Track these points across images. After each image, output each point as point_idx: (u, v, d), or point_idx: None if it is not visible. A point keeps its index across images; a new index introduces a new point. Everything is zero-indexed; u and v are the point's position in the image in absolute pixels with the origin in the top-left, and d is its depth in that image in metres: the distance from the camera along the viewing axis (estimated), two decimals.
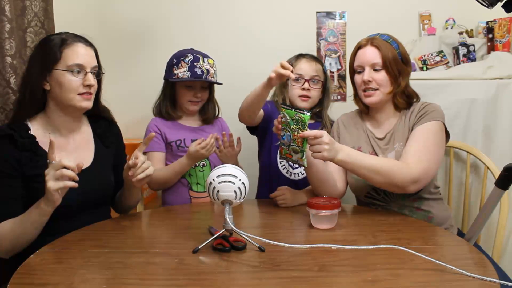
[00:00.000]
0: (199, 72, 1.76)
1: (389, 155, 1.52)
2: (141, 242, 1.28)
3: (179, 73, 1.77)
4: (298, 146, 1.33)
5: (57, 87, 1.35)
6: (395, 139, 1.54)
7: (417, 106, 1.55)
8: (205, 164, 1.82)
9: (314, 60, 1.83)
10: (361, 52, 1.56)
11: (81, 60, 1.35)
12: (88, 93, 1.37)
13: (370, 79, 1.52)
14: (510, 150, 1.90)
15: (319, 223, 1.29)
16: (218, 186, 1.11)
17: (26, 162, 1.30)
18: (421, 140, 1.44)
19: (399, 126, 1.55)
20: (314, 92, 1.81)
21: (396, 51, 1.53)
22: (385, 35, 1.56)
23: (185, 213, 1.59)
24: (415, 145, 1.43)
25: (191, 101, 1.82)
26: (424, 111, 1.50)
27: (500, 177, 1.30)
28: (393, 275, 0.97)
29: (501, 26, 2.10)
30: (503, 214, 1.61)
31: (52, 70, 1.34)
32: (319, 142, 1.31)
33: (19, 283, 0.96)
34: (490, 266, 1.00)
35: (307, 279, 0.96)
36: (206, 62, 1.80)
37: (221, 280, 0.98)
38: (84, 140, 1.46)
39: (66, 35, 1.38)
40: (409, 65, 1.57)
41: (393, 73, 1.52)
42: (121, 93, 2.25)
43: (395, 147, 1.52)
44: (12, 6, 1.57)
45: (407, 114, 1.55)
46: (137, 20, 2.28)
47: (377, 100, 1.54)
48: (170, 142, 1.81)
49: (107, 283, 0.95)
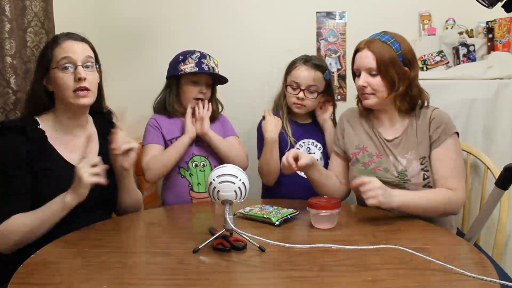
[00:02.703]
0: (206, 68, 1.78)
1: (401, 160, 1.49)
2: (141, 242, 1.28)
3: (186, 68, 1.78)
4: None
5: (56, 87, 1.36)
6: (406, 146, 1.51)
7: (427, 114, 1.50)
8: (205, 164, 1.82)
9: (314, 68, 1.80)
10: (358, 55, 1.53)
11: (67, 53, 1.34)
12: (83, 88, 1.34)
13: (365, 84, 1.50)
14: (510, 150, 1.90)
15: (319, 223, 1.29)
16: (218, 186, 1.11)
17: (36, 155, 1.31)
18: (452, 160, 1.45)
19: (410, 133, 1.51)
20: (309, 101, 1.80)
21: (396, 53, 1.47)
22: (387, 34, 1.51)
23: (185, 213, 1.59)
24: (450, 167, 1.44)
25: (195, 99, 1.82)
26: (437, 126, 1.47)
27: (500, 177, 1.30)
28: (393, 275, 0.97)
29: (501, 26, 2.10)
30: (503, 214, 1.61)
31: (48, 71, 1.36)
32: (371, 188, 1.31)
33: (19, 283, 0.96)
34: (490, 266, 1.00)
35: (307, 279, 0.96)
36: (211, 60, 1.83)
37: (221, 280, 0.98)
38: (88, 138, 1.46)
39: (60, 35, 1.39)
40: (413, 66, 1.50)
41: (390, 78, 1.47)
42: (121, 92, 2.25)
43: (407, 156, 1.49)
44: (12, 6, 1.57)
45: (418, 121, 1.51)
46: (137, 20, 2.29)
47: (373, 103, 1.52)
48: (170, 139, 1.81)
49: (107, 283, 0.95)
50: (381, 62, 1.46)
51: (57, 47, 1.36)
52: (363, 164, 1.55)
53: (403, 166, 1.49)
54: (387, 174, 1.50)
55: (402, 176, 1.48)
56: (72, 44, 1.36)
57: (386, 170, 1.51)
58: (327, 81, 1.83)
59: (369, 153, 1.55)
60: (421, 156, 1.48)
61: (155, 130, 1.81)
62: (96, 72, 1.40)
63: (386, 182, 1.42)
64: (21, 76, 1.62)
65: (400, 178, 1.48)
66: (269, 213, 1.36)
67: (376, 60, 1.47)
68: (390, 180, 1.48)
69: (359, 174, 1.52)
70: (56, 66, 1.34)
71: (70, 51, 1.35)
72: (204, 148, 1.83)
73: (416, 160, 1.48)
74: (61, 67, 1.33)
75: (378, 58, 1.46)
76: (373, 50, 1.47)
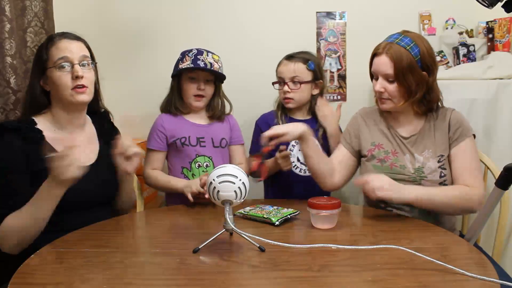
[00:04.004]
0: (201, 64, 1.78)
1: (417, 157, 1.49)
2: (141, 242, 1.28)
3: (183, 66, 1.79)
4: None
5: (53, 86, 1.37)
6: (423, 144, 1.50)
7: (446, 115, 1.51)
8: (209, 164, 1.82)
9: (294, 60, 1.81)
10: (376, 60, 1.49)
11: (64, 52, 1.36)
12: (80, 85, 1.36)
13: (382, 90, 1.49)
14: (510, 150, 1.90)
15: (319, 223, 1.29)
16: (218, 186, 1.11)
17: (34, 156, 1.31)
18: (469, 158, 1.46)
19: (426, 131, 1.51)
20: (295, 93, 1.81)
21: (415, 58, 1.43)
22: (407, 38, 1.45)
23: (185, 213, 1.59)
24: (467, 165, 1.45)
25: (195, 96, 1.82)
26: (458, 125, 1.48)
27: (500, 177, 1.30)
28: (393, 275, 0.97)
29: (501, 26, 2.10)
30: (503, 214, 1.61)
31: (45, 71, 1.37)
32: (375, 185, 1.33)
33: (19, 283, 0.96)
34: (490, 266, 1.00)
35: (307, 279, 0.96)
36: (210, 56, 1.82)
37: (221, 280, 0.98)
38: (87, 138, 1.48)
39: (55, 35, 1.41)
40: (432, 71, 1.47)
41: (407, 85, 1.44)
42: (121, 92, 2.25)
43: (424, 154, 1.49)
44: (12, 6, 1.57)
45: (436, 120, 1.51)
46: (137, 20, 2.28)
47: (390, 107, 1.52)
48: (175, 140, 1.81)
49: (108, 283, 0.95)
50: (398, 70, 1.43)
51: (52, 47, 1.37)
52: (379, 161, 1.54)
53: (420, 163, 1.48)
54: (404, 170, 1.49)
55: (419, 173, 1.48)
56: (68, 44, 1.38)
57: (403, 167, 1.50)
58: (312, 71, 1.83)
59: (385, 150, 1.55)
60: (438, 154, 1.48)
61: (158, 133, 1.82)
62: (92, 70, 1.42)
63: (402, 179, 1.45)
64: (21, 76, 1.62)
65: (417, 174, 1.48)
66: (269, 213, 1.36)
67: (393, 68, 1.44)
68: (406, 177, 1.48)
69: (374, 170, 1.52)
70: (53, 66, 1.35)
71: (67, 50, 1.36)
72: (208, 149, 1.83)
73: (433, 158, 1.48)
74: (58, 66, 1.35)
75: (396, 65, 1.43)
76: (391, 57, 1.44)
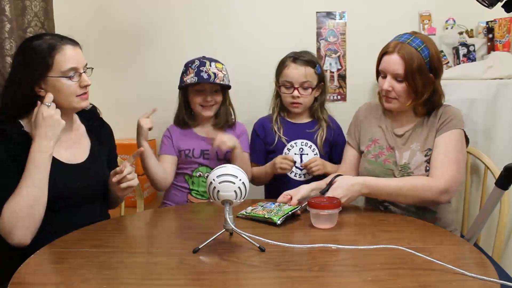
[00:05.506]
0: (205, 76, 1.75)
1: (404, 153, 1.51)
2: (141, 242, 1.28)
3: (187, 79, 1.78)
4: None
5: (54, 93, 1.34)
6: (413, 138, 1.52)
7: (440, 109, 1.51)
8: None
9: (304, 64, 1.79)
10: (386, 58, 1.49)
11: (73, 63, 1.35)
12: (85, 93, 1.40)
13: (390, 89, 1.49)
14: (510, 150, 1.89)
15: (319, 223, 1.29)
16: (218, 186, 1.11)
17: (23, 158, 1.28)
18: (444, 150, 1.44)
19: (418, 127, 1.53)
20: (304, 98, 1.80)
21: (425, 60, 1.44)
22: (418, 39, 1.45)
23: (185, 213, 1.59)
24: (439, 157, 1.44)
25: (202, 106, 1.81)
26: (445, 118, 1.48)
27: (500, 177, 1.30)
28: (393, 275, 0.97)
29: (501, 26, 2.10)
30: (503, 214, 1.61)
31: (46, 77, 1.33)
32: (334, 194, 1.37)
33: (19, 283, 0.96)
34: (490, 266, 1.00)
35: (307, 279, 0.96)
36: (213, 66, 1.78)
37: (221, 280, 0.98)
38: (78, 137, 1.48)
39: (51, 38, 1.36)
40: (438, 73, 1.49)
41: (415, 86, 1.45)
42: (120, 93, 2.25)
43: (412, 147, 1.51)
44: (12, 6, 1.57)
45: (430, 117, 1.53)
46: (137, 20, 2.28)
47: (395, 107, 1.53)
48: (179, 151, 1.82)
49: (107, 283, 0.95)
50: (409, 70, 1.44)
51: (57, 54, 1.33)
52: (374, 156, 1.57)
53: (405, 159, 1.50)
54: (396, 167, 1.52)
55: (405, 169, 1.50)
56: (73, 52, 1.36)
57: (395, 163, 1.53)
58: (319, 75, 1.82)
59: (380, 145, 1.57)
60: (426, 148, 1.49)
61: (167, 140, 1.83)
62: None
63: (392, 174, 1.50)
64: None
65: (404, 171, 1.50)
66: (270, 211, 1.36)
67: (404, 67, 1.44)
68: (396, 173, 1.51)
69: (369, 165, 1.56)
70: (59, 75, 1.33)
71: (75, 60, 1.35)
72: (212, 161, 1.81)
73: (420, 151, 1.49)
74: (67, 76, 1.34)
75: (407, 65, 1.43)
76: (403, 56, 1.44)
